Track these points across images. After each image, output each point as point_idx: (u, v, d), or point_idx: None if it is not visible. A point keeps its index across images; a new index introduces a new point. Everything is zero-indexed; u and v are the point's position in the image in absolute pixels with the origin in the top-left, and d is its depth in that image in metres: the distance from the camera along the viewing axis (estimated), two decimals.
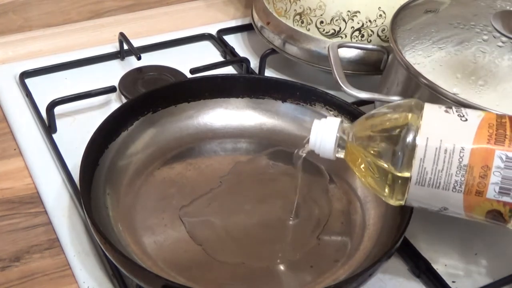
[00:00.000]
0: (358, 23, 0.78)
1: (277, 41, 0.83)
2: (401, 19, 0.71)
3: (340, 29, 0.78)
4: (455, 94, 0.61)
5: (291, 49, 0.82)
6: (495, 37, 0.65)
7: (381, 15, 0.78)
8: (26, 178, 0.70)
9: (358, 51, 0.79)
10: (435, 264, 0.63)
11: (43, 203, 0.67)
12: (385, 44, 0.78)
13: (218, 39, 0.91)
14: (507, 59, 0.63)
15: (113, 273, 0.60)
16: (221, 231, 0.63)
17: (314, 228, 0.64)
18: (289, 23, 0.81)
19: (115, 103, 0.79)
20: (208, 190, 0.67)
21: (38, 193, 0.69)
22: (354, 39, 0.78)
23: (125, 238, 0.61)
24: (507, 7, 0.69)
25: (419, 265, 0.63)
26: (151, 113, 0.70)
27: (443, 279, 0.62)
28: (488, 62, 0.64)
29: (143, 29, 0.92)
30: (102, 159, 0.65)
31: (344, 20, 0.78)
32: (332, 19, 0.78)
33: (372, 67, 0.79)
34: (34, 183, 0.70)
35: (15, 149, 0.73)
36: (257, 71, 0.85)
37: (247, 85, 0.73)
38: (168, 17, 0.96)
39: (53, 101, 0.74)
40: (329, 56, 0.72)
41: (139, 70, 0.83)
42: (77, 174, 0.61)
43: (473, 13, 0.68)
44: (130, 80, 0.81)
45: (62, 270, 0.62)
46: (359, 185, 0.67)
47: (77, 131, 0.75)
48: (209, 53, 0.89)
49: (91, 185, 0.62)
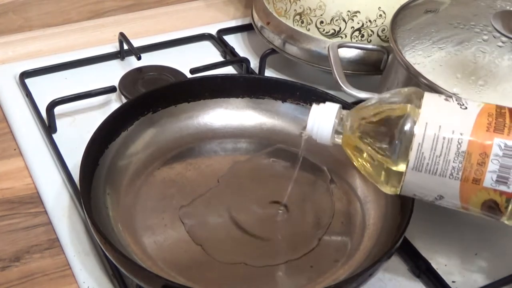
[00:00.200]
0: (358, 23, 0.78)
1: (277, 41, 0.83)
2: (401, 19, 0.71)
3: (340, 29, 0.78)
4: (455, 94, 0.61)
5: (291, 49, 0.82)
6: (495, 37, 0.65)
7: (381, 15, 0.78)
8: (26, 178, 0.70)
9: (358, 51, 0.79)
10: (435, 264, 0.63)
11: (43, 203, 0.67)
12: (385, 44, 0.78)
13: (218, 39, 0.91)
14: (507, 59, 0.63)
15: (113, 273, 0.60)
16: (221, 231, 0.63)
17: (316, 229, 0.64)
18: (289, 23, 0.81)
19: (115, 103, 0.79)
20: (207, 190, 0.67)
21: (38, 193, 0.69)
22: (354, 39, 0.78)
23: (125, 238, 0.61)
24: (507, 7, 0.69)
25: (419, 265, 0.63)
26: (151, 113, 0.70)
27: (443, 279, 0.62)
28: (488, 62, 0.64)
29: (143, 29, 0.92)
30: (102, 159, 0.65)
31: (344, 20, 0.78)
32: (332, 19, 0.78)
33: (372, 67, 0.79)
34: (34, 183, 0.70)
35: (15, 149, 0.73)
36: (257, 71, 0.85)
37: (247, 85, 0.73)
38: (168, 17, 0.96)
39: (53, 101, 0.74)
40: (329, 56, 0.73)
41: (139, 70, 0.83)
42: (77, 174, 0.61)
43: (473, 13, 0.68)
44: (130, 80, 0.81)
45: (62, 270, 0.62)
46: (359, 185, 0.67)
47: (77, 131, 0.75)
48: (209, 53, 0.89)
49: (91, 185, 0.62)
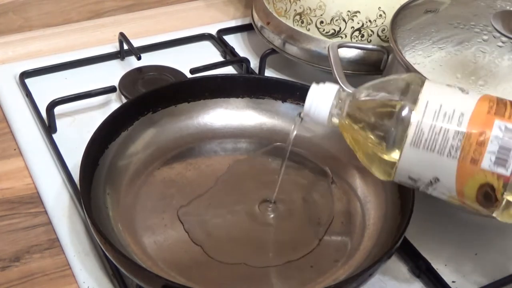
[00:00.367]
0: (358, 23, 0.78)
1: (277, 41, 0.83)
2: (401, 19, 0.71)
3: (340, 29, 0.78)
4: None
5: (291, 49, 0.82)
6: (495, 37, 0.65)
7: (381, 15, 0.78)
8: (26, 178, 0.70)
9: (358, 51, 0.79)
10: (435, 264, 0.63)
11: (43, 203, 0.67)
12: (385, 44, 0.78)
13: (218, 39, 0.91)
14: (507, 59, 0.63)
15: (113, 273, 0.60)
16: (221, 231, 0.63)
17: (316, 229, 0.64)
18: (289, 23, 0.81)
19: (115, 103, 0.79)
20: (206, 190, 0.67)
21: (38, 193, 0.69)
22: (354, 39, 0.78)
23: (125, 238, 0.61)
24: (507, 7, 0.69)
25: (419, 265, 0.63)
26: (151, 113, 0.70)
27: (443, 279, 0.62)
28: (488, 62, 0.63)
29: (143, 29, 0.92)
30: (102, 159, 0.64)
31: (344, 20, 0.78)
32: (332, 19, 0.78)
33: (372, 67, 0.79)
34: (34, 183, 0.70)
35: (15, 149, 0.73)
36: (257, 71, 0.85)
37: (247, 85, 0.73)
38: (168, 17, 0.96)
39: (53, 101, 0.74)
40: (329, 56, 0.72)
41: (139, 70, 0.83)
42: (77, 174, 0.61)
43: (473, 13, 0.68)
44: (130, 80, 0.81)
45: (62, 270, 0.62)
46: (359, 185, 0.67)
47: (77, 131, 0.75)
48: (209, 53, 0.89)
49: (91, 185, 0.62)
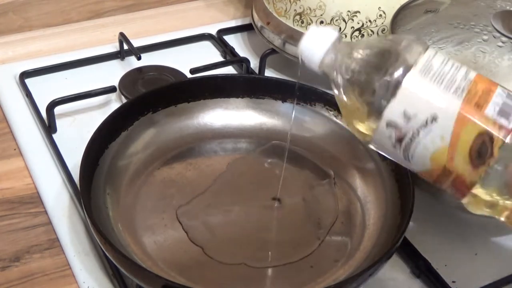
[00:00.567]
0: (358, 23, 0.78)
1: (277, 41, 0.83)
2: (401, 19, 0.71)
3: (340, 29, 0.78)
4: None
5: (291, 49, 0.82)
6: (495, 37, 0.65)
7: (381, 15, 0.78)
8: (26, 178, 0.70)
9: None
10: (435, 264, 0.63)
11: (43, 203, 0.67)
12: None
13: (218, 39, 0.91)
14: (507, 59, 0.63)
15: (113, 273, 0.60)
16: (220, 232, 0.63)
17: (317, 230, 0.64)
18: (289, 23, 0.81)
19: (115, 103, 0.79)
20: (205, 189, 0.67)
21: (38, 193, 0.69)
22: (354, 39, 0.78)
23: (125, 238, 0.61)
24: (507, 7, 0.69)
25: (419, 265, 0.63)
26: (151, 113, 0.70)
27: (443, 279, 0.62)
28: (488, 62, 0.63)
29: (143, 29, 0.92)
30: (102, 159, 0.64)
31: (344, 20, 0.78)
32: (332, 19, 0.78)
33: None
34: (34, 183, 0.70)
35: (15, 149, 0.73)
36: (257, 71, 0.85)
37: (247, 85, 0.73)
38: (168, 17, 0.96)
39: (53, 101, 0.74)
40: None
41: (139, 70, 0.83)
42: (77, 174, 0.61)
43: (473, 13, 0.68)
44: (130, 80, 0.81)
45: (62, 270, 0.62)
46: (359, 185, 0.67)
47: (77, 131, 0.75)
48: (209, 53, 0.89)
49: (91, 185, 0.62)
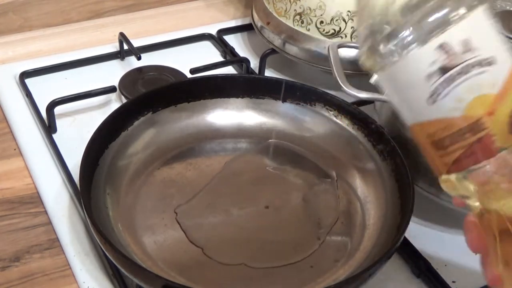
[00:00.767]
0: None
1: (277, 41, 0.83)
2: None
3: (340, 29, 0.78)
4: None
5: (291, 49, 0.82)
6: None
7: None
8: (26, 178, 0.70)
9: (358, 51, 0.78)
10: (435, 264, 0.63)
11: (43, 203, 0.67)
12: None
13: (218, 39, 0.91)
14: None
15: (113, 273, 0.60)
16: (219, 232, 0.63)
17: (317, 230, 0.64)
18: (289, 23, 0.81)
19: (115, 103, 0.79)
20: (202, 188, 0.67)
21: (38, 193, 0.69)
22: (354, 39, 0.78)
23: (125, 238, 0.61)
24: (507, 7, 0.69)
25: (419, 265, 0.63)
26: (151, 113, 0.70)
27: (443, 279, 0.62)
28: None
29: (143, 29, 0.92)
30: (102, 159, 0.64)
31: (344, 20, 0.78)
32: (332, 19, 0.78)
33: None
34: (34, 183, 0.70)
35: (15, 149, 0.73)
36: (257, 71, 0.85)
37: (247, 85, 0.73)
38: (168, 17, 0.96)
39: (53, 101, 0.74)
40: (329, 56, 0.72)
41: (139, 70, 0.83)
42: (77, 174, 0.61)
43: None
44: (130, 80, 0.81)
45: (62, 270, 0.62)
46: (359, 185, 0.67)
47: (77, 131, 0.75)
48: (209, 53, 0.89)
49: (91, 185, 0.62)
